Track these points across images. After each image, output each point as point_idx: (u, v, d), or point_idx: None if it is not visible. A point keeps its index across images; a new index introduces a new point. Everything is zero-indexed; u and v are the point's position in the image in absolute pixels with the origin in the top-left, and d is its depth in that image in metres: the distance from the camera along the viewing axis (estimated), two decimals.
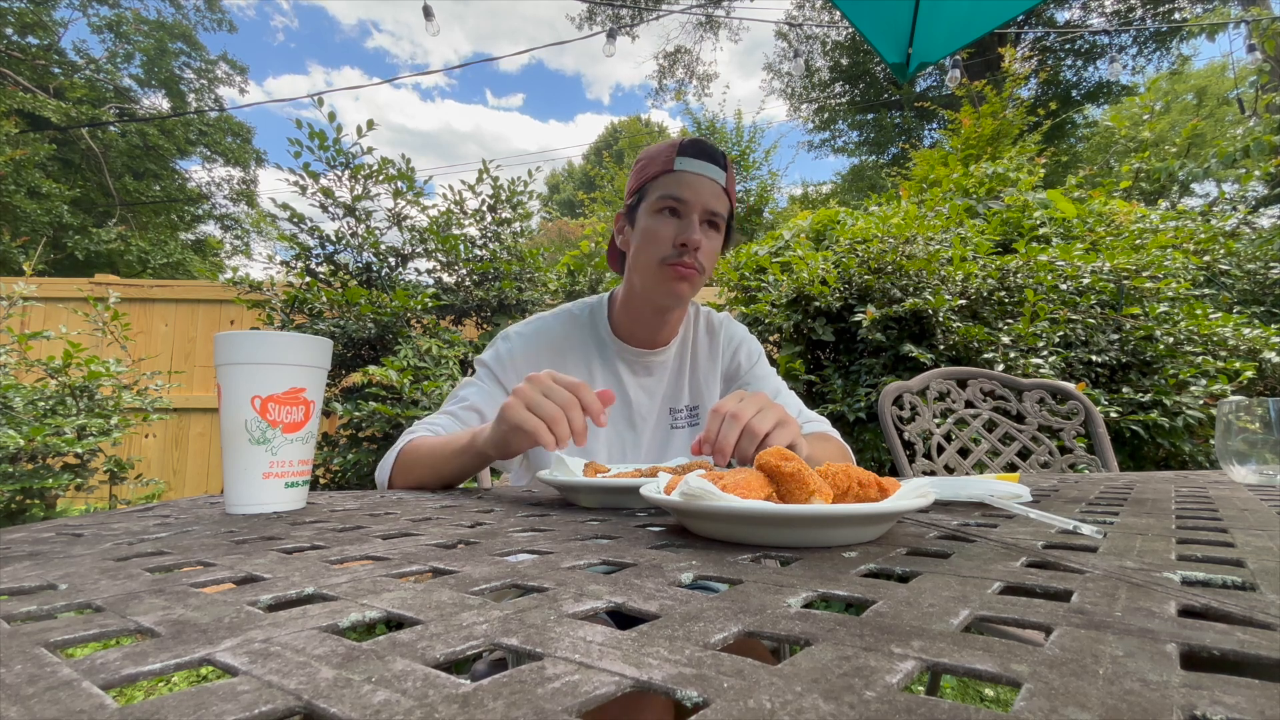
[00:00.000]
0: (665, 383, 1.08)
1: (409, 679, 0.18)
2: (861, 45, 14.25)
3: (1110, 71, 5.46)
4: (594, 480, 0.60)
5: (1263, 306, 3.10)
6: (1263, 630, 0.22)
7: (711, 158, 0.95)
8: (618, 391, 1.04)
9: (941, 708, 0.16)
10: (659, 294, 0.97)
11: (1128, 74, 13.51)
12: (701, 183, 0.94)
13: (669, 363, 1.09)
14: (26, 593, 0.30)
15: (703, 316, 1.14)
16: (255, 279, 3.16)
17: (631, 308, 1.03)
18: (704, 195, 0.94)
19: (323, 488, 2.72)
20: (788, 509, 0.37)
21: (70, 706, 0.17)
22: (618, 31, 5.74)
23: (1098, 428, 1.43)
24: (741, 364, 1.11)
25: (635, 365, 1.06)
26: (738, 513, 0.39)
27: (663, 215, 0.95)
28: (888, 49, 2.11)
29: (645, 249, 0.96)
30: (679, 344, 1.09)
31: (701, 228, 0.95)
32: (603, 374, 1.05)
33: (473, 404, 0.97)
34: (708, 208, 0.94)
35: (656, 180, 0.95)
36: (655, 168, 0.96)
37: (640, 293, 1.00)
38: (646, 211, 0.96)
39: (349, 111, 10.82)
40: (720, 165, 0.96)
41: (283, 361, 0.60)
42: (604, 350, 1.05)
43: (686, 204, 0.93)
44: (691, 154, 0.94)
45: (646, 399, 1.06)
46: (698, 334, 1.11)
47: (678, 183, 0.94)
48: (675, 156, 0.94)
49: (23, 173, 10.36)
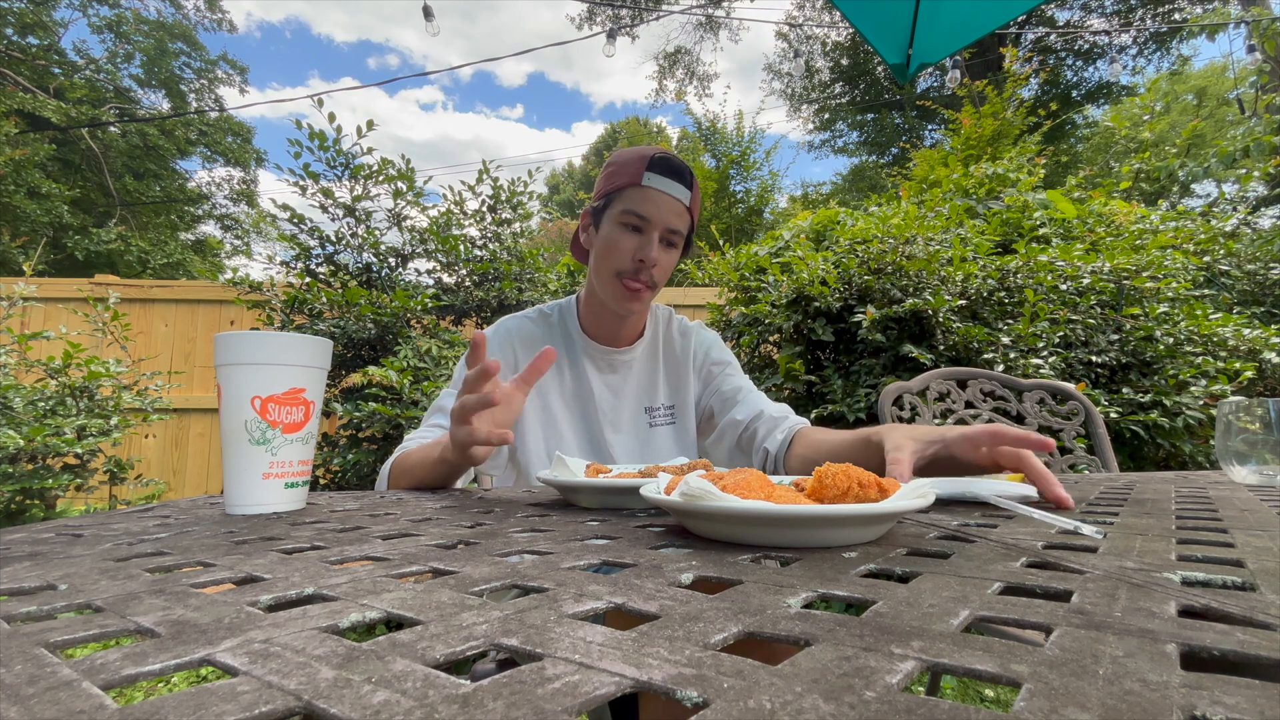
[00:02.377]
0: (632, 382, 1.12)
1: (409, 679, 0.18)
2: (862, 46, 14.26)
3: (1110, 72, 5.46)
4: (594, 480, 0.60)
5: (1263, 307, 3.10)
6: (1263, 630, 0.22)
7: (679, 175, 0.98)
8: (582, 388, 1.09)
9: (941, 708, 0.16)
10: (613, 302, 1.02)
11: (1128, 74, 13.51)
12: (666, 201, 0.97)
13: (635, 362, 1.12)
14: (26, 593, 0.30)
15: (675, 321, 1.19)
16: (255, 279, 3.16)
17: (593, 306, 1.08)
18: (666, 214, 0.97)
19: (323, 488, 2.72)
20: (787, 509, 0.37)
21: (70, 707, 0.17)
22: (618, 32, 5.74)
23: (1098, 428, 1.43)
24: (716, 361, 1.16)
25: (601, 363, 1.10)
26: (738, 513, 0.39)
27: (625, 229, 0.98)
28: (888, 50, 2.12)
29: (604, 258, 1.00)
30: (647, 344, 1.14)
31: (660, 245, 0.99)
32: (570, 371, 1.09)
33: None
34: (669, 226, 0.98)
35: (623, 192, 0.98)
36: (623, 179, 0.98)
37: (599, 294, 1.05)
38: (610, 221, 1.00)
39: (349, 124, 10.78)
40: (686, 184, 0.99)
41: (283, 362, 0.60)
42: (572, 347, 1.10)
43: (649, 222, 0.97)
44: (660, 170, 0.96)
45: (611, 397, 1.10)
46: (670, 335, 1.16)
47: (643, 199, 0.96)
48: (644, 171, 0.96)
49: (23, 173, 10.36)
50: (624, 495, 0.60)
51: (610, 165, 1.02)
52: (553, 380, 1.07)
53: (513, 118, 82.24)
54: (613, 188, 0.99)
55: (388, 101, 73.20)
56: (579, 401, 1.08)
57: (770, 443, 1.00)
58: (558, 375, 1.08)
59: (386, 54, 67.88)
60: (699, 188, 1.03)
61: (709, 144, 9.30)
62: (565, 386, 1.08)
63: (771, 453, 0.99)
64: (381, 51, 68.79)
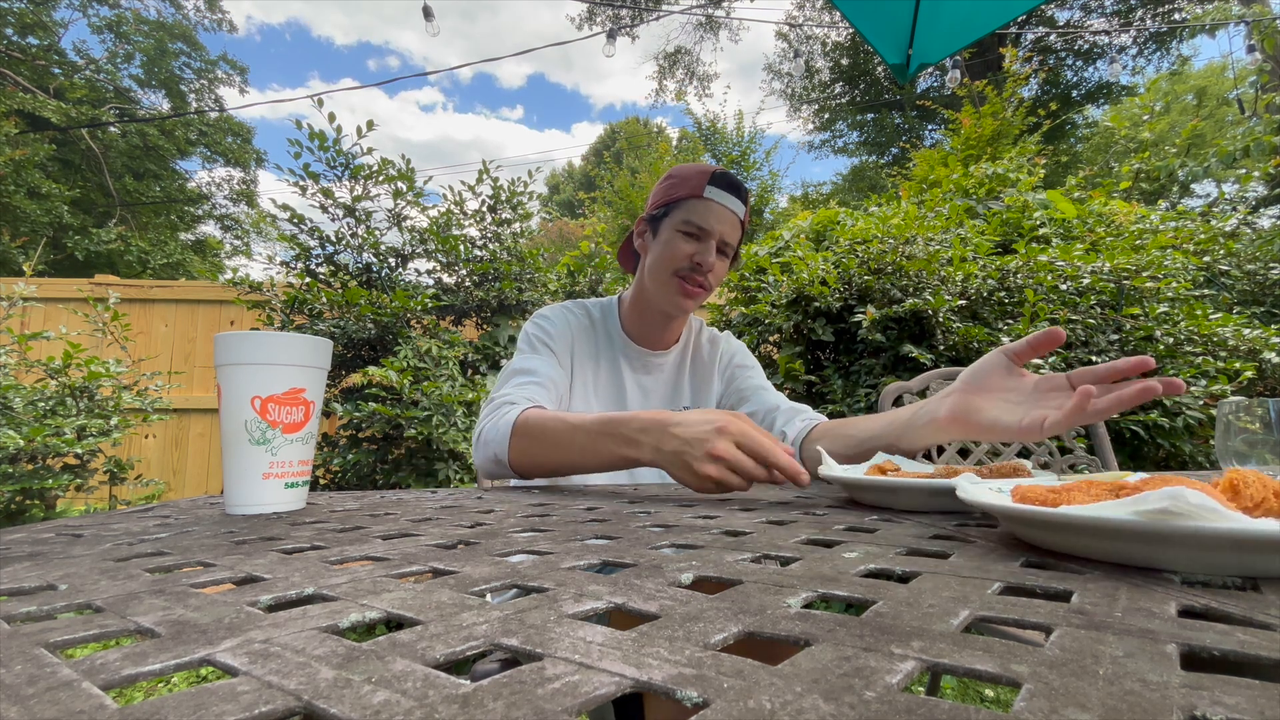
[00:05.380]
0: (663, 384, 1.16)
1: (409, 679, 0.18)
2: (862, 46, 14.25)
3: (1110, 72, 5.46)
4: (925, 482, 0.53)
5: (1263, 307, 3.10)
6: (1263, 630, 0.22)
7: (737, 191, 1.04)
8: (616, 384, 1.12)
9: (941, 708, 0.16)
10: (667, 301, 1.06)
11: (1128, 74, 13.51)
12: (724, 214, 1.03)
13: (668, 365, 1.17)
14: (26, 593, 0.30)
15: (705, 331, 1.24)
16: (255, 280, 3.16)
17: (640, 309, 1.12)
18: (724, 225, 1.03)
19: (323, 488, 2.72)
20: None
21: (70, 707, 0.17)
22: (618, 32, 5.74)
23: (1098, 428, 1.43)
24: (740, 364, 1.19)
25: (637, 363, 1.14)
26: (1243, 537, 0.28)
27: (684, 236, 1.04)
28: (888, 50, 2.11)
29: (663, 259, 1.05)
30: (680, 350, 1.18)
31: (716, 254, 1.04)
32: (607, 367, 1.12)
33: (549, 375, 1.01)
34: (724, 237, 1.04)
35: (685, 202, 1.03)
36: (685, 190, 1.04)
37: (650, 296, 1.09)
38: (670, 227, 1.05)
39: (349, 124, 10.78)
40: (743, 199, 1.06)
41: (283, 362, 0.60)
42: (611, 345, 1.14)
43: (708, 231, 1.03)
44: (721, 185, 1.03)
45: (642, 396, 1.13)
46: (700, 343, 1.21)
47: (705, 211, 1.02)
48: (706, 185, 1.02)
49: (23, 173, 10.36)
50: (943, 497, 0.54)
51: (671, 177, 1.07)
52: (589, 375, 1.10)
53: (512, 118, 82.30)
54: (673, 198, 1.04)
55: (387, 102, 73.29)
56: (612, 398, 1.12)
57: (789, 428, 1.00)
58: (594, 371, 1.11)
59: (386, 56, 67.93)
60: (750, 203, 1.09)
61: (709, 144, 9.30)
62: (600, 382, 1.11)
63: (790, 436, 0.98)
64: (381, 53, 68.85)
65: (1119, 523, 0.31)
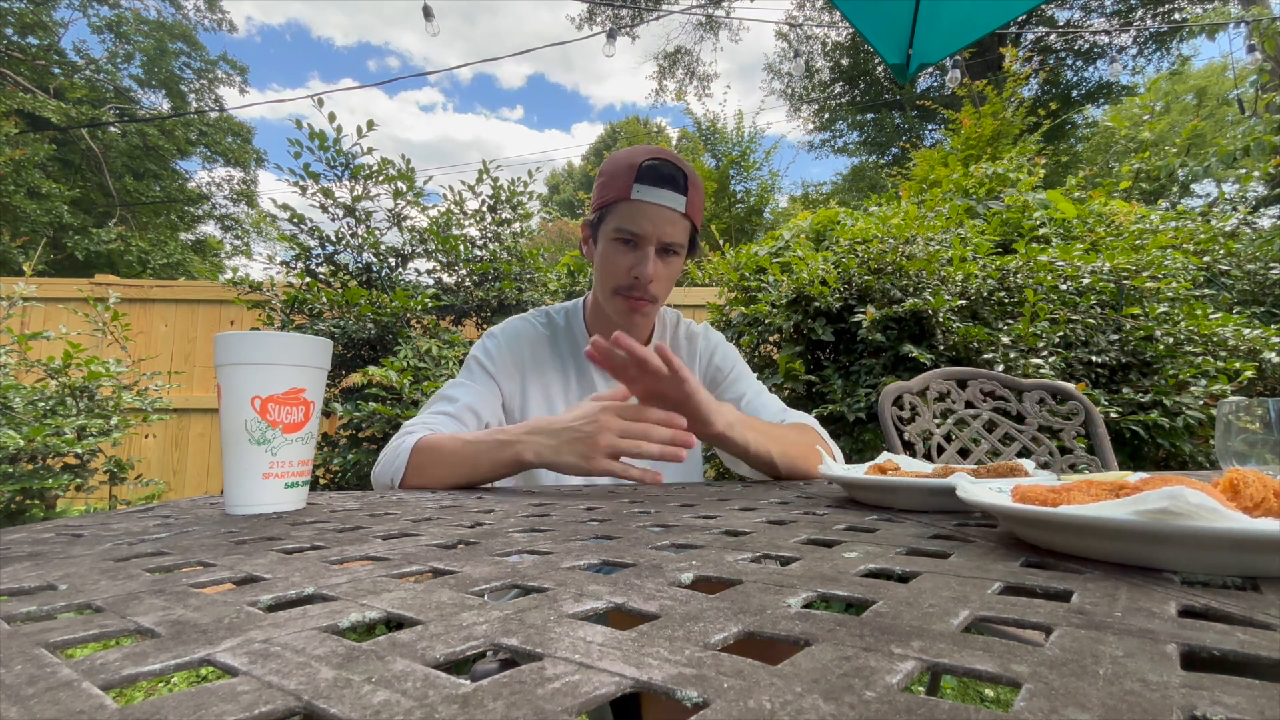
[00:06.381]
0: None
1: (409, 679, 0.18)
2: (862, 46, 14.25)
3: (1110, 72, 5.46)
4: (924, 481, 0.53)
5: (1263, 307, 3.09)
6: (1263, 630, 0.22)
7: (670, 183, 0.92)
8: (587, 390, 1.08)
9: (941, 708, 0.16)
10: (618, 317, 1.01)
11: (1128, 74, 13.51)
12: (658, 213, 0.92)
13: None
14: (26, 593, 0.30)
15: (682, 326, 1.16)
16: (255, 279, 3.16)
17: (600, 314, 1.08)
18: (660, 226, 0.93)
19: (323, 488, 2.72)
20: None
21: (70, 707, 0.17)
22: (618, 32, 5.74)
23: (1098, 428, 1.43)
24: (720, 366, 1.13)
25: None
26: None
27: (620, 244, 0.95)
28: (888, 50, 2.11)
29: (602, 275, 0.99)
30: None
31: (657, 257, 0.95)
32: (576, 373, 1.08)
33: (467, 404, 0.97)
34: (663, 239, 0.94)
35: (614, 207, 0.94)
36: (613, 192, 0.94)
37: (604, 307, 1.04)
38: (605, 237, 0.97)
39: (349, 125, 10.77)
40: (679, 189, 0.93)
41: (283, 362, 0.60)
42: (577, 351, 1.08)
43: (642, 237, 0.93)
44: (649, 181, 0.91)
45: None
46: (677, 340, 1.14)
47: (634, 214, 0.92)
48: (632, 183, 0.91)
49: (23, 173, 10.37)
50: (944, 497, 0.54)
51: (602, 174, 0.98)
52: (558, 383, 1.07)
53: (512, 119, 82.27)
54: (604, 201, 0.95)
55: (387, 103, 73.27)
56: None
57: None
58: (563, 378, 1.07)
59: (386, 56, 67.92)
60: (699, 185, 0.97)
61: (709, 144, 9.30)
62: (571, 389, 1.07)
63: None
64: (381, 54, 68.84)
65: (1119, 523, 0.31)
